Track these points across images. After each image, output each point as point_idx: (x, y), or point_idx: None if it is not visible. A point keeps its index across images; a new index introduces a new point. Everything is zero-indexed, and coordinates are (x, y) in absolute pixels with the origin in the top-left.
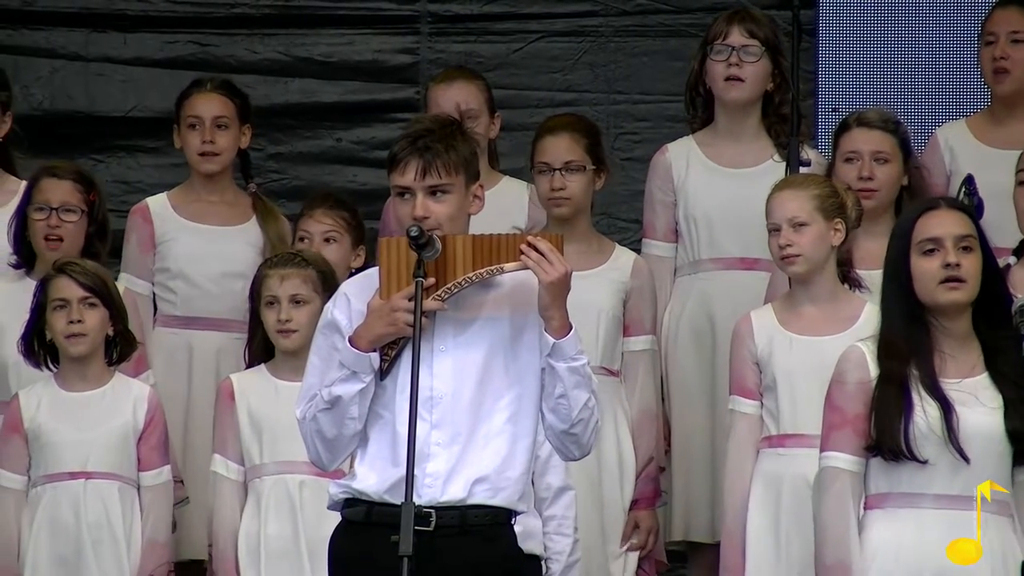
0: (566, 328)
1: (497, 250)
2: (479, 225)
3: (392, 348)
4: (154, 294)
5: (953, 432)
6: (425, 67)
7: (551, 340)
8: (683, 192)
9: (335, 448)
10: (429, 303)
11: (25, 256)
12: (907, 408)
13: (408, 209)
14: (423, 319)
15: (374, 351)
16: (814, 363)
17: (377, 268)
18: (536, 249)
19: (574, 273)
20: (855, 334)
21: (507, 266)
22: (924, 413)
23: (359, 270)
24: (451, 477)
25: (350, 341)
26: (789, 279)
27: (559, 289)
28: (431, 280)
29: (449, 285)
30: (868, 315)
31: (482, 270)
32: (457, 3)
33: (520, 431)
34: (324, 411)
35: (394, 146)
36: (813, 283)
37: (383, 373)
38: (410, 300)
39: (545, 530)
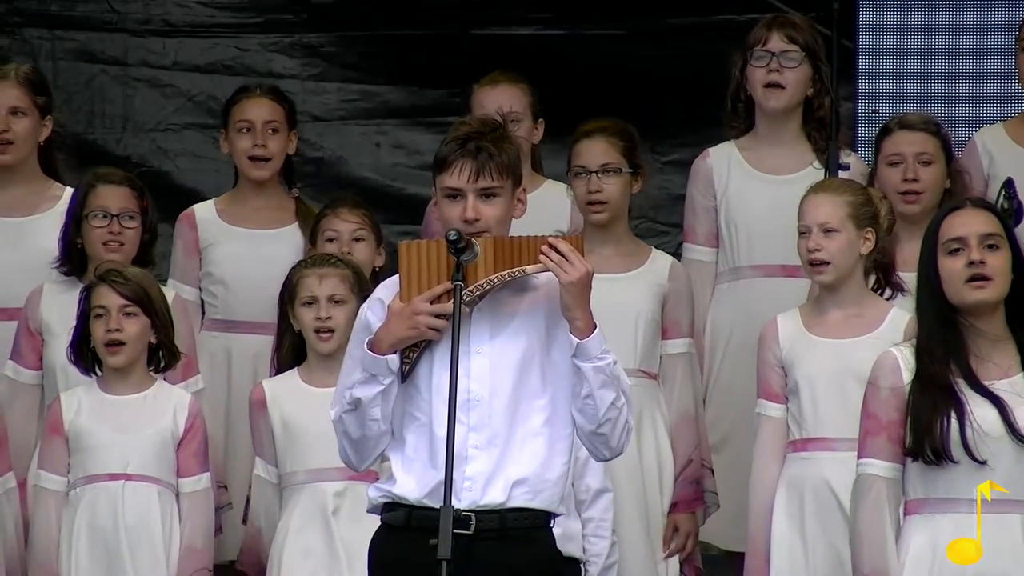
0: (590, 328)
1: (518, 252)
2: (522, 228)
3: (413, 351)
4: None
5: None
6: (468, 70)
7: (575, 340)
8: (724, 198)
9: (362, 448)
10: (450, 306)
11: (75, 263)
12: (959, 408)
13: (458, 211)
14: (444, 321)
15: (394, 353)
16: (835, 366)
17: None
18: (556, 250)
19: (612, 276)
20: (877, 337)
21: (528, 268)
22: (977, 413)
23: (381, 269)
24: (490, 480)
25: (370, 344)
26: None
27: (580, 289)
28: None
29: (470, 287)
30: (892, 319)
31: (503, 272)
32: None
33: (557, 432)
34: (348, 412)
35: (443, 148)
36: (840, 289)
37: (404, 375)
38: (431, 303)
39: (583, 532)
